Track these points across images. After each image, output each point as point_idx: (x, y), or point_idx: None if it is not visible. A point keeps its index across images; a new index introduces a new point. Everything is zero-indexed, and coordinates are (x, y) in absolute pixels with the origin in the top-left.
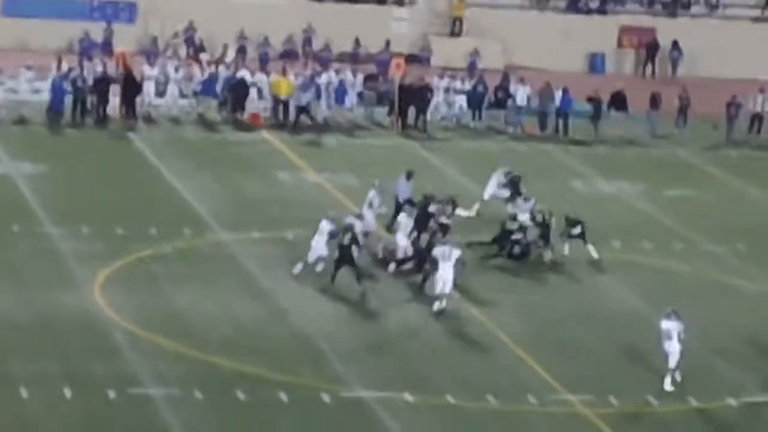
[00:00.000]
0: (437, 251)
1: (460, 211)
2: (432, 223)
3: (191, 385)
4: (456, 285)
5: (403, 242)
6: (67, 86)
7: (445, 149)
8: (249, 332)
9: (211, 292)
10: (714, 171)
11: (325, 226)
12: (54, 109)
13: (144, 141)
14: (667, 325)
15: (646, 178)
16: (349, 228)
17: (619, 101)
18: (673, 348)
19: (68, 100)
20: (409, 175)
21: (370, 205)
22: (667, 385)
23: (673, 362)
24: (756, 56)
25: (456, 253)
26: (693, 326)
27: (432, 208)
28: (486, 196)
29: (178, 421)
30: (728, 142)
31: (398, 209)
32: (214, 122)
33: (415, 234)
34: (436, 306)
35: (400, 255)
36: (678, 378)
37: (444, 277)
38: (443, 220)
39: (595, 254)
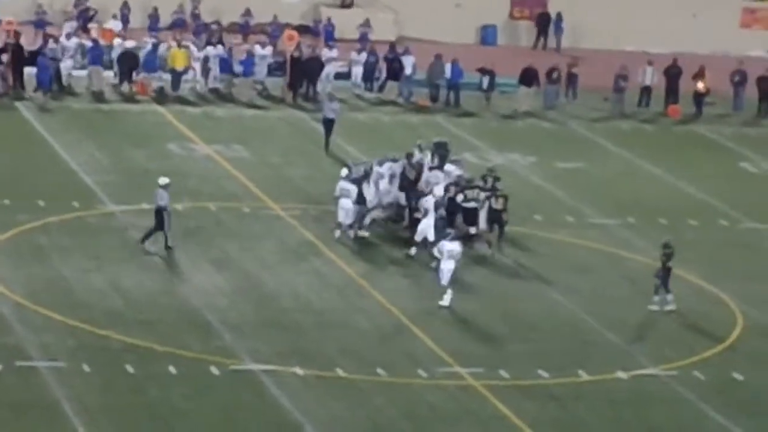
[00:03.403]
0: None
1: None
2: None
3: (79, 358)
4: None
5: (348, 206)
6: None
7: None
8: (138, 305)
9: (100, 264)
10: (605, 143)
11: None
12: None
13: (31, 111)
14: (450, 246)
15: (537, 150)
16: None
17: (529, 77)
18: (451, 266)
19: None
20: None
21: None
22: (446, 301)
23: (448, 280)
24: (646, 29)
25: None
26: (583, 299)
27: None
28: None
29: (66, 394)
30: (618, 114)
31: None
32: (103, 92)
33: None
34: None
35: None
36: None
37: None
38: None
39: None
